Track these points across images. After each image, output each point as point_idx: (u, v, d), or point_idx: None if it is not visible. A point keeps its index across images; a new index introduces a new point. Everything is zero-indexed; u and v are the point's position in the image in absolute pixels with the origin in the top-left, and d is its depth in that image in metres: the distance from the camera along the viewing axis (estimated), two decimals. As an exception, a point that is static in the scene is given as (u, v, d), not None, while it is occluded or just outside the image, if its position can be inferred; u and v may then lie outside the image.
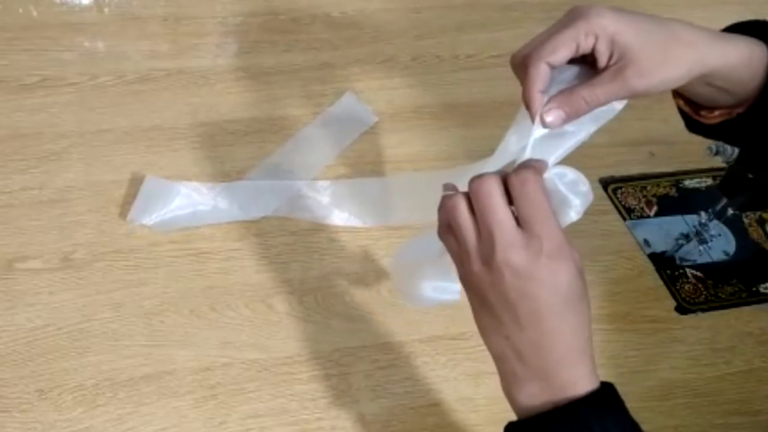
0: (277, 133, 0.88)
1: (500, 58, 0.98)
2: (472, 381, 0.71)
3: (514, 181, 0.49)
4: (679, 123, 0.62)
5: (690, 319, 0.79)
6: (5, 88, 0.88)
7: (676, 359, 0.76)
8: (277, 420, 0.68)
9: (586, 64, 0.53)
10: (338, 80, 0.94)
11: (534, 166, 0.50)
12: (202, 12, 1.00)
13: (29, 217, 0.77)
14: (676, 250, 0.84)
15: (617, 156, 0.92)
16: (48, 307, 0.71)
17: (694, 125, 0.60)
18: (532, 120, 0.52)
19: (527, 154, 0.52)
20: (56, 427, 0.65)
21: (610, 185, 0.89)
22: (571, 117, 0.52)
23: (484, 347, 0.75)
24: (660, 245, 0.84)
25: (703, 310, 0.80)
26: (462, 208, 0.49)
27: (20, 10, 0.97)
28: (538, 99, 0.51)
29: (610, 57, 0.51)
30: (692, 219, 0.86)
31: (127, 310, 0.72)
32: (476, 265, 0.49)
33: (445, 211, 0.50)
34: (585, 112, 0.52)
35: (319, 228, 0.80)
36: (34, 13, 0.97)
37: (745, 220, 0.89)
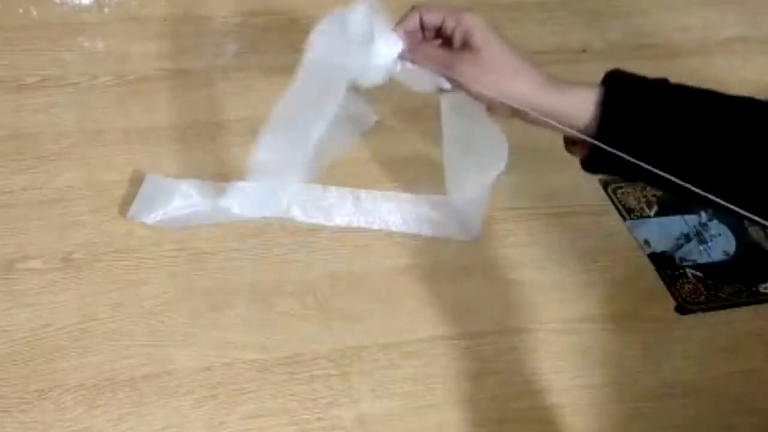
0: (277, 133, 0.88)
1: (500, 58, 0.98)
2: (472, 381, 0.71)
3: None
4: (679, 123, 0.62)
5: (690, 319, 0.79)
6: (5, 88, 0.88)
7: (676, 359, 0.76)
8: (277, 420, 0.68)
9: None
10: (338, 80, 0.94)
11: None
12: (202, 12, 1.00)
13: (29, 217, 0.77)
14: (676, 250, 0.84)
15: (617, 156, 0.92)
16: (48, 307, 0.71)
17: (582, 164, 0.65)
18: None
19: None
20: (56, 427, 0.65)
21: (610, 185, 0.89)
22: (411, 59, 0.66)
23: (484, 347, 0.75)
24: (660, 245, 0.85)
25: (703, 310, 0.80)
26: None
27: (20, 10, 0.97)
28: (399, 28, 0.66)
29: (453, 32, 0.64)
30: (692, 219, 0.86)
31: (127, 310, 0.72)
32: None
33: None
34: (417, 63, 0.66)
35: (319, 228, 0.80)
36: (34, 13, 0.97)
37: (745, 220, 0.89)
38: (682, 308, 0.80)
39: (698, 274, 0.83)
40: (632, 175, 0.60)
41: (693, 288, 0.82)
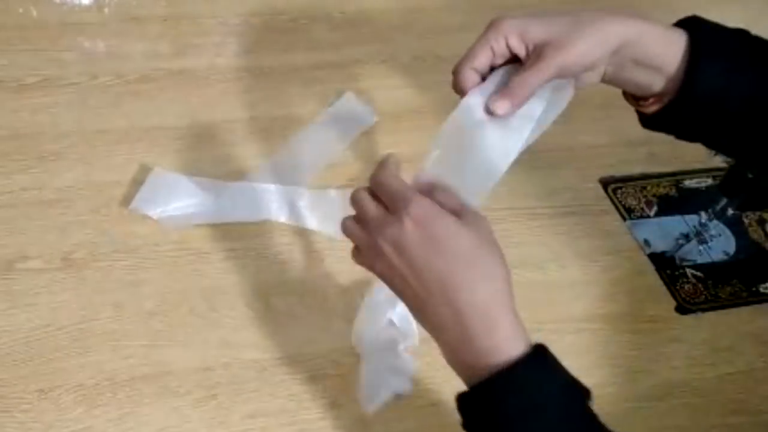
0: (277, 133, 0.88)
1: (500, 58, 0.98)
2: (472, 381, 0.71)
3: (370, 182, 0.55)
4: (679, 123, 0.62)
5: (690, 319, 0.79)
6: (5, 88, 0.88)
7: (676, 359, 0.76)
8: (277, 420, 0.68)
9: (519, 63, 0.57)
10: (338, 80, 0.94)
11: (382, 163, 0.55)
12: (202, 12, 1.00)
13: (29, 217, 0.77)
14: (676, 250, 0.84)
15: (617, 156, 0.92)
16: (48, 307, 0.71)
17: (643, 119, 0.62)
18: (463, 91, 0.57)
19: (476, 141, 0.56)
20: (56, 427, 0.65)
21: (610, 185, 0.89)
22: (516, 104, 0.55)
23: (484, 347, 0.74)
24: (660, 245, 0.84)
25: (703, 310, 0.80)
26: (348, 224, 0.55)
27: (20, 10, 0.97)
28: (467, 75, 0.57)
29: (527, 49, 0.56)
30: (692, 219, 0.86)
31: (127, 310, 0.72)
32: (375, 263, 0.53)
33: (346, 235, 0.56)
34: (527, 96, 0.55)
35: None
36: (34, 13, 0.97)
37: (745, 220, 0.89)
38: (682, 308, 0.80)
39: (698, 274, 0.83)
40: (704, 138, 0.59)
41: (693, 288, 0.82)
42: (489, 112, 0.55)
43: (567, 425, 0.48)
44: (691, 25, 0.57)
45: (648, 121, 0.61)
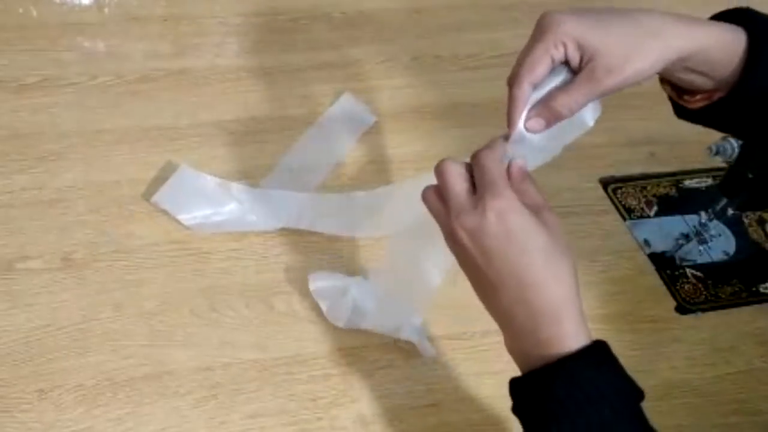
0: (277, 133, 0.88)
1: (500, 58, 0.98)
2: (472, 381, 0.71)
3: (472, 158, 0.54)
4: (679, 123, 0.62)
5: (690, 319, 0.79)
6: (5, 88, 0.88)
7: (676, 359, 0.76)
8: (277, 420, 0.68)
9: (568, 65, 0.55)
10: (338, 80, 0.94)
11: (491, 143, 0.55)
12: (202, 12, 1.00)
13: (29, 217, 0.77)
14: (676, 250, 0.84)
15: (617, 156, 0.92)
16: (48, 307, 0.71)
17: (681, 111, 0.60)
18: (510, 129, 0.55)
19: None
20: (56, 427, 0.65)
21: (610, 185, 0.89)
22: (550, 123, 0.54)
23: (484, 347, 0.75)
24: (660, 245, 0.84)
25: (703, 310, 0.80)
26: (429, 194, 0.54)
27: (20, 10, 0.97)
28: (519, 116, 0.54)
29: (581, 60, 0.53)
30: (692, 219, 0.86)
31: (127, 310, 0.72)
32: (448, 239, 0.53)
33: (424, 204, 0.55)
34: (565, 117, 0.54)
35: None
36: (34, 13, 0.97)
37: (745, 220, 0.89)
38: (682, 308, 0.80)
39: (698, 274, 0.83)
40: (747, 133, 0.58)
41: (693, 288, 0.82)
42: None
43: (616, 423, 0.48)
44: (746, 18, 0.55)
45: (687, 114, 0.59)
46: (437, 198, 0.54)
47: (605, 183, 0.89)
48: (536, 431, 0.50)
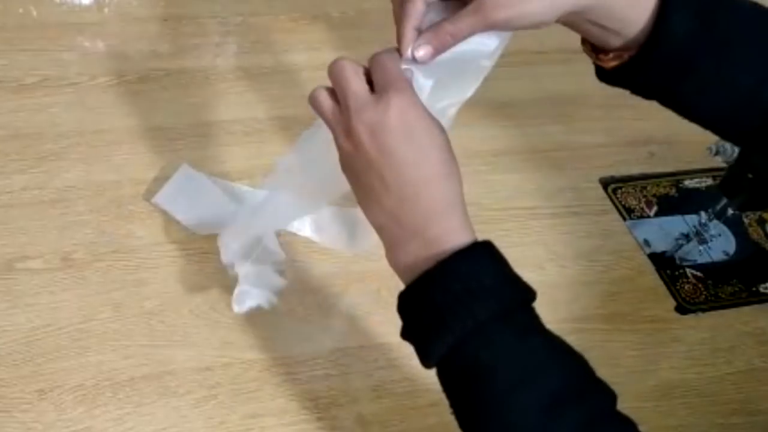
0: (277, 133, 0.88)
1: (500, 58, 0.98)
2: (472, 381, 0.71)
3: (370, 60, 0.53)
4: (679, 123, 0.62)
5: (690, 319, 0.79)
6: (5, 88, 0.88)
7: (676, 359, 0.76)
8: (277, 420, 0.68)
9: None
10: (338, 80, 0.94)
11: (388, 48, 0.54)
12: (202, 12, 1.00)
13: (29, 217, 0.77)
14: (676, 250, 0.84)
15: (617, 156, 0.92)
16: (48, 307, 0.71)
17: (600, 72, 0.59)
18: (401, 55, 0.54)
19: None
20: (56, 427, 0.65)
21: (610, 185, 0.89)
22: (438, 51, 0.53)
23: (484, 347, 0.74)
24: (660, 245, 0.84)
25: (703, 310, 0.80)
26: (321, 94, 0.54)
27: (20, 10, 0.97)
28: (409, 35, 0.53)
29: None
30: (692, 219, 0.86)
31: (127, 310, 0.72)
32: (341, 139, 0.52)
33: (311, 102, 0.55)
34: (451, 46, 0.53)
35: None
36: (34, 13, 0.97)
37: (745, 220, 0.89)
38: (682, 308, 0.80)
39: (698, 274, 0.83)
40: (660, 96, 0.56)
41: (693, 288, 0.82)
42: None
43: (503, 318, 0.48)
44: None
45: (605, 76, 0.58)
46: (331, 97, 0.53)
47: (605, 183, 0.89)
48: (427, 338, 0.49)
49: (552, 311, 0.77)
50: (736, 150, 0.74)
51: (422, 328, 0.49)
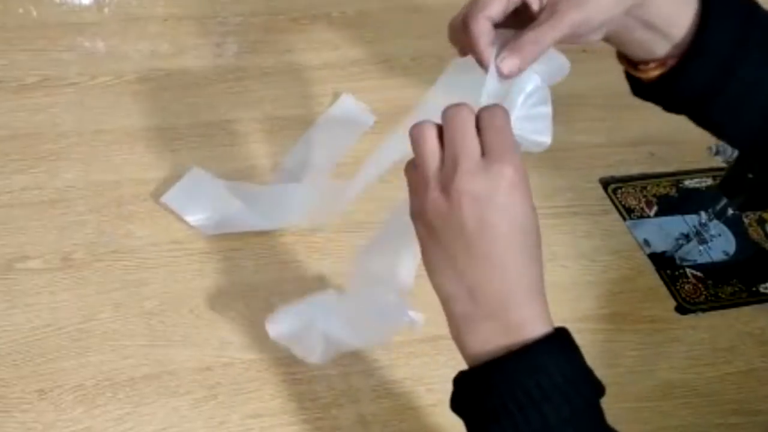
0: (277, 133, 0.88)
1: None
2: (472, 381, 0.71)
3: (484, 114, 0.49)
4: (679, 123, 0.62)
5: (690, 319, 0.79)
6: (5, 88, 0.88)
7: (676, 359, 0.76)
8: (277, 420, 0.68)
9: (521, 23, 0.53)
10: (338, 80, 0.94)
11: (501, 106, 0.50)
12: (202, 12, 1.00)
13: (29, 217, 0.77)
14: (676, 250, 0.84)
15: (617, 156, 0.92)
16: (48, 307, 0.71)
17: (637, 87, 0.59)
18: (486, 69, 0.52)
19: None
20: (56, 427, 0.65)
21: (610, 185, 0.89)
22: (525, 63, 0.51)
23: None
24: (660, 245, 0.84)
25: (703, 310, 0.80)
26: (430, 135, 0.49)
27: (20, 10, 0.97)
28: (488, 51, 0.51)
29: (541, 2, 0.52)
30: (692, 219, 0.86)
31: (127, 310, 0.72)
32: (434, 193, 0.48)
33: (412, 140, 0.50)
34: (537, 56, 0.51)
35: (318, 227, 0.80)
36: (34, 13, 0.97)
37: (745, 220, 0.89)
38: (682, 308, 0.80)
39: (698, 274, 0.83)
40: (695, 107, 0.56)
41: (693, 288, 0.82)
42: (499, 73, 0.50)
43: (571, 416, 0.46)
44: None
45: (642, 89, 0.58)
46: (438, 140, 0.49)
47: (605, 183, 0.89)
48: (485, 423, 0.47)
49: (552, 311, 0.77)
50: (736, 150, 0.74)
51: (482, 412, 0.47)
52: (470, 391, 0.49)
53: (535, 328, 0.47)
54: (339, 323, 0.64)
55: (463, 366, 0.72)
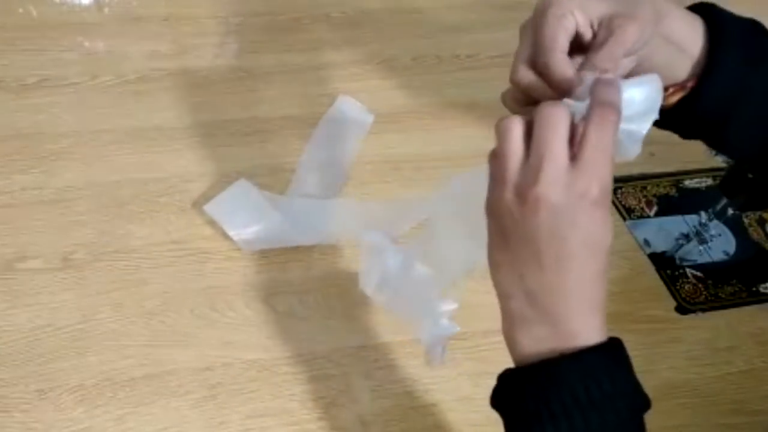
0: (276, 133, 0.88)
1: (500, 58, 0.98)
2: (472, 381, 0.71)
3: (588, 121, 0.46)
4: (679, 123, 0.62)
5: (690, 319, 0.79)
6: (5, 88, 0.88)
7: (676, 359, 0.76)
8: (277, 420, 0.68)
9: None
10: (338, 80, 0.94)
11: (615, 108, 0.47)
12: (202, 12, 1.00)
13: (29, 217, 0.77)
14: (676, 250, 0.84)
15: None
16: (48, 307, 0.71)
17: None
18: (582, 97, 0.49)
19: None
20: (56, 427, 0.65)
21: (610, 185, 0.89)
22: (614, 66, 0.49)
23: (484, 347, 0.75)
24: (660, 245, 0.84)
25: (703, 310, 0.80)
26: (516, 131, 0.47)
27: (20, 10, 0.97)
28: (578, 76, 0.49)
29: (593, 27, 0.51)
30: (692, 219, 0.86)
31: (127, 310, 0.72)
32: (509, 194, 0.46)
33: (498, 132, 0.48)
34: (623, 57, 0.50)
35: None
36: (34, 13, 0.97)
37: (745, 220, 0.89)
38: (682, 308, 0.80)
39: (698, 274, 0.83)
40: (712, 130, 0.56)
41: (693, 288, 0.82)
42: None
43: (615, 426, 0.46)
44: (704, 11, 0.55)
45: (662, 116, 0.56)
46: (524, 139, 0.46)
47: (605, 183, 0.89)
48: (527, 422, 0.47)
49: (552, 311, 0.78)
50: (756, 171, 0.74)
51: (526, 411, 0.47)
52: (515, 389, 0.49)
53: (589, 338, 0.47)
54: (398, 271, 0.62)
55: (459, 369, 0.72)
